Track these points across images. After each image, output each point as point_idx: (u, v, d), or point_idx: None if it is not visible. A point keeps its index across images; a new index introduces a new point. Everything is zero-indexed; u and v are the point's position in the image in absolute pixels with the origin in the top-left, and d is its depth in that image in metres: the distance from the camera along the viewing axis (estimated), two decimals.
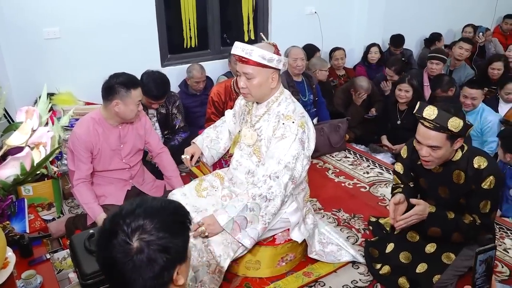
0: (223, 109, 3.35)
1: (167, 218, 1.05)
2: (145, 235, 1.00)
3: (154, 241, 1.00)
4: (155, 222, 1.01)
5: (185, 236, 1.08)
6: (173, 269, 1.04)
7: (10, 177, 2.39)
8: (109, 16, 3.74)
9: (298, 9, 4.77)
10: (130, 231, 1.00)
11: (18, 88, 3.48)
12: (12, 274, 1.64)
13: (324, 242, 2.49)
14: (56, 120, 3.06)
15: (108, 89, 2.41)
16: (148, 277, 1.01)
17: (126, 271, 1.00)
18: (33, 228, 2.26)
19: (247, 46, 2.04)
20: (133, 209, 1.04)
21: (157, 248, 1.00)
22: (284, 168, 2.03)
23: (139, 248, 0.99)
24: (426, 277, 2.14)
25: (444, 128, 1.88)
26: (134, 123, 2.64)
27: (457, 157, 2.04)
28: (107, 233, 1.03)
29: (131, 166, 2.69)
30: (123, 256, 0.99)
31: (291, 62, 3.78)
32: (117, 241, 1.00)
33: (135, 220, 1.01)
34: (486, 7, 6.41)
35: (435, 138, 1.92)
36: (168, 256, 1.01)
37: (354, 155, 3.93)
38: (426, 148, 1.97)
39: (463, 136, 1.94)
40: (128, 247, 0.99)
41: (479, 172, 1.98)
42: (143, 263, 0.99)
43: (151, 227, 1.01)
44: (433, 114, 1.90)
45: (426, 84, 4.38)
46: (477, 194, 2.01)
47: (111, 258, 1.01)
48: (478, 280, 1.20)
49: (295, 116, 2.10)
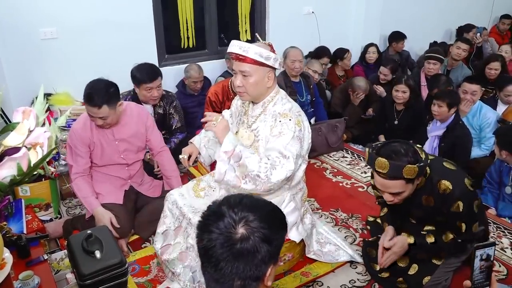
0: (220, 109, 3.35)
1: (269, 213, 1.07)
2: (250, 224, 1.01)
3: (258, 230, 1.01)
4: (258, 215, 1.03)
5: (283, 233, 1.09)
6: (269, 264, 1.04)
7: (7, 178, 2.38)
8: (106, 16, 3.73)
9: (296, 9, 4.77)
10: (238, 219, 1.01)
11: (15, 88, 3.47)
12: (9, 275, 1.63)
13: (322, 242, 2.49)
14: (53, 121, 3.05)
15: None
16: (247, 267, 1.00)
17: (225, 258, 1.00)
18: (31, 229, 2.25)
19: (244, 44, 2.04)
20: (240, 200, 1.06)
21: (261, 237, 1.00)
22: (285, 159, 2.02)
23: (245, 235, 1.00)
24: (417, 278, 2.14)
25: (400, 176, 1.84)
26: (132, 121, 2.64)
27: (421, 184, 2.01)
28: (213, 215, 1.04)
29: (129, 163, 2.69)
30: (226, 240, 1.00)
31: (289, 63, 3.78)
32: (223, 224, 1.01)
33: (241, 210, 1.03)
34: (483, 7, 6.43)
35: (395, 186, 1.89)
36: (269, 248, 1.02)
37: (352, 155, 3.93)
38: (388, 195, 1.95)
39: (422, 175, 1.91)
40: (234, 231, 1.00)
41: (445, 196, 1.95)
42: (245, 251, 0.99)
43: (254, 218, 1.02)
44: (385, 167, 1.83)
45: (423, 84, 4.39)
46: (450, 217, 1.99)
47: (212, 240, 1.01)
48: (476, 276, 1.20)
49: (292, 114, 2.10)
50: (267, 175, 1.96)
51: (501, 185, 2.99)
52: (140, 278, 2.39)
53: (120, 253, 1.72)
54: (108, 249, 1.71)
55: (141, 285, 2.35)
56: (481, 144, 3.54)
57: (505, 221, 2.87)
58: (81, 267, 1.64)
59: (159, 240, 2.32)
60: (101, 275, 1.64)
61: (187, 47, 4.38)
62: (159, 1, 4.02)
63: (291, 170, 2.00)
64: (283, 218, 1.11)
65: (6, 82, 3.41)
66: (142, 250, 2.62)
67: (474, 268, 1.19)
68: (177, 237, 2.24)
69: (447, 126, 3.31)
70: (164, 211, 2.35)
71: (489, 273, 1.21)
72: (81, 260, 1.67)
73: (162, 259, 2.27)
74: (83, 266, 1.64)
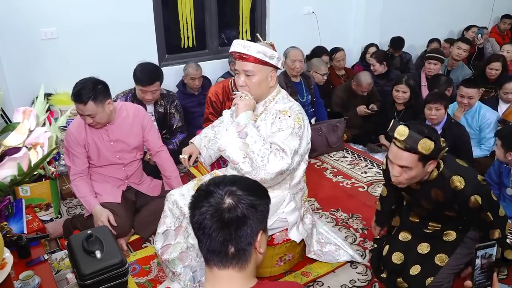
0: (221, 109, 3.34)
1: (251, 183, 1.17)
2: (235, 193, 1.10)
3: (244, 198, 1.09)
4: (240, 186, 1.12)
5: (267, 200, 1.16)
6: (258, 229, 1.11)
7: (7, 178, 2.38)
8: (107, 16, 3.73)
9: (296, 9, 4.77)
10: (223, 192, 1.10)
11: (15, 88, 3.48)
12: (9, 275, 1.63)
13: (323, 242, 2.49)
14: (53, 121, 3.05)
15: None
16: (238, 232, 1.07)
17: (217, 227, 1.07)
18: (31, 229, 2.26)
19: (247, 42, 2.03)
20: (223, 178, 1.16)
21: (247, 204, 1.08)
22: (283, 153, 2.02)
23: (232, 204, 1.08)
24: (419, 279, 2.13)
25: (414, 150, 1.84)
26: (127, 121, 2.63)
27: (433, 176, 1.99)
28: (203, 193, 1.12)
29: (125, 163, 2.69)
30: (215, 211, 1.07)
31: (289, 63, 3.78)
32: (212, 199, 1.09)
33: (226, 185, 1.12)
34: (483, 7, 6.42)
35: (406, 159, 1.88)
36: (256, 213, 1.10)
37: (352, 154, 3.93)
38: (397, 168, 1.93)
39: (435, 158, 1.90)
40: (222, 202, 1.08)
41: (459, 193, 1.92)
42: (234, 218, 1.07)
43: (237, 189, 1.11)
44: (404, 134, 1.86)
45: (424, 84, 4.38)
46: (472, 214, 1.96)
47: (203, 213, 1.08)
48: (478, 276, 1.20)
49: (291, 112, 2.10)
50: (263, 161, 1.97)
51: (501, 185, 2.98)
52: (141, 278, 2.39)
53: (121, 253, 1.72)
54: (108, 249, 1.71)
55: (141, 285, 2.35)
56: (481, 145, 3.54)
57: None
58: (81, 267, 1.64)
59: (160, 240, 2.32)
60: (101, 275, 1.65)
61: (187, 47, 4.38)
62: (159, 1, 4.02)
63: (287, 164, 2.00)
64: (263, 187, 1.19)
65: (6, 82, 3.41)
66: (142, 250, 2.62)
67: (475, 268, 1.19)
68: (177, 237, 2.24)
69: (442, 127, 3.28)
70: (165, 211, 2.35)
71: (490, 273, 1.21)
72: (82, 260, 1.67)
73: (162, 259, 2.27)
74: (84, 266, 1.64)
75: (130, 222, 2.66)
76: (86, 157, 2.60)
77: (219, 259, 1.09)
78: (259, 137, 2.02)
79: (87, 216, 2.60)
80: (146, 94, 3.15)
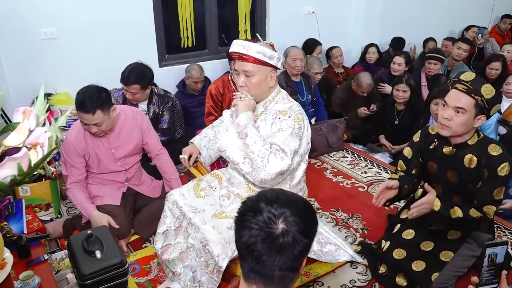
0: (221, 101, 3.37)
1: (303, 208, 1.11)
2: (288, 219, 1.05)
3: (296, 224, 1.05)
4: (294, 210, 1.07)
5: (316, 226, 1.13)
6: (305, 255, 1.09)
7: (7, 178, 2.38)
8: (107, 17, 3.73)
9: (296, 9, 4.77)
10: (277, 214, 1.05)
11: (15, 88, 3.48)
12: (9, 275, 1.63)
13: (323, 242, 2.49)
14: (53, 121, 3.05)
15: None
16: (288, 259, 1.05)
17: (267, 252, 1.04)
18: (31, 229, 2.26)
19: (247, 43, 2.03)
20: (277, 196, 1.10)
21: (299, 231, 1.05)
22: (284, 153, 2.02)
23: (285, 229, 1.04)
24: (424, 275, 2.14)
25: (477, 91, 1.93)
26: (126, 126, 2.62)
27: (473, 141, 2.07)
28: (251, 210, 1.07)
29: (126, 168, 2.68)
30: (267, 236, 1.04)
31: (290, 62, 3.79)
32: (262, 218, 1.05)
33: (279, 206, 1.07)
34: (483, 7, 6.42)
35: (464, 101, 1.96)
36: (307, 241, 1.07)
37: (352, 154, 3.93)
38: (450, 110, 2.00)
39: (488, 112, 1.98)
40: (274, 227, 1.04)
41: (493, 158, 2.00)
42: (286, 244, 1.04)
43: (291, 214, 1.06)
44: (470, 77, 1.97)
45: (424, 84, 4.38)
46: (492, 181, 2.02)
47: (253, 236, 1.05)
48: (485, 273, 1.19)
49: (291, 112, 2.10)
50: (263, 162, 1.97)
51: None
52: (141, 278, 2.39)
53: (121, 253, 1.72)
54: (108, 249, 1.71)
55: (141, 285, 2.35)
56: None
57: (505, 221, 2.87)
58: (81, 267, 1.64)
59: (160, 240, 2.32)
60: (101, 275, 1.64)
61: (187, 47, 4.38)
62: (159, 1, 4.03)
63: (287, 164, 2.00)
64: (314, 212, 1.16)
65: (6, 82, 3.41)
66: (142, 250, 2.62)
67: (483, 265, 1.19)
68: (177, 237, 2.24)
69: None
70: (165, 211, 2.35)
71: (498, 271, 1.21)
72: (82, 260, 1.67)
73: (162, 259, 2.27)
74: (84, 266, 1.64)
75: (130, 224, 2.65)
76: (84, 167, 2.56)
77: (262, 281, 1.08)
78: (259, 137, 2.02)
79: (84, 223, 2.57)
80: (127, 93, 3.20)
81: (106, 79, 3.52)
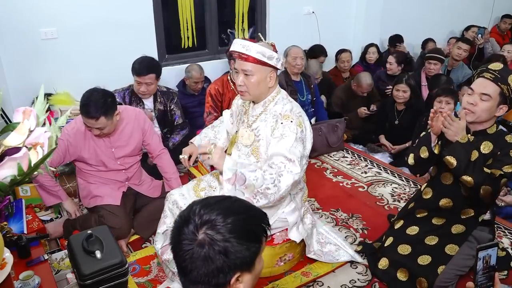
0: (221, 101, 3.38)
1: (242, 222, 1.03)
2: (212, 231, 1.00)
3: (217, 241, 0.99)
4: (227, 221, 1.01)
5: (254, 246, 1.04)
6: (231, 273, 1.02)
7: (7, 178, 2.38)
8: (107, 16, 3.73)
9: (296, 9, 4.77)
10: (200, 223, 1.01)
11: (15, 88, 3.48)
12: (9, 275, 1.63)
13: (323, 242, 2.49)
14: (53, 121, 3.03)
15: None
16: (202, 273, 1.00)
17: (185, 260, 1.01)
18: (31, 229, 2.26)
19: (247, 42, 2.03)
20: (214, 202, 1.05)
21: (218, 249, 0.99)
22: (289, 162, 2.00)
23: (201, 242, 1.00)
24: (431, 268, 2.15)
25: (504, 80, 2.00)
26: (128, 126, 2.62)
27: (491, 130, 2.12)
28: (182, 219, 1.05)
29: (126, 168, 2.68)
30: (188, 244, 1.01)
31: (290, 61, 3.79)
32: (187, 230, 1.02)
33: (209, 212, 1.02)
34: (483, 7, 6.42)
35: (490, 88, 2.02)
36: (226, 260, 1.00)
37: (352, 154, 3.93)
38: (476, 96, 2.04)
39: (510, 102, 2.04)
40: (194, 237, 1.01)
41: (508, 144, 2.07)
42: (199, 257, 1.00)
43: (222, 225, 1.01)
44: (499, 67, 2.05)
45: (424, 84, 4.38)
46: (504, 159, 2.05)
47: (178, 243, 1.03)
48: (480, 277, 1.19)
49: (293, 115, 2.09)
50: (275, 184, 1.94)
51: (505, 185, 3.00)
52: (141, 278, 2.39)
53: (121, 253, 1.72)
54: (108, 249, 1.71)
55: (141, 285, 2.35)
56: None
57: (505, 221, 2.87)
58: (81, 267, 1.64)
59: (160, 240, 2.32)
60: (101, 275, 1.65)
61: (187, 47, 4.38)
62: (159, 1, 4.02)
63: (298, 173, 1.99)
64: (260, 230, 1.07)
65: (6, 82, 3.41)
66: (142, 250, 2.62)
67: (478, 270, 1.19)
68: None
69: None
70: (165, 211, 2.35)
71: (492, 273, 1.21)
72: (82, 260, 1.67)
73: (162, 259, 2.27)
74: (84, 266, 1.64)
75: (130, 224, 2.65)
76: (63, 158, 2.56)
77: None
78: (253, 171, 1.97)
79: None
80: (141, 86, 3.15)
81: (106, 79, 3.54)
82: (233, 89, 3.31)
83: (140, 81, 3.13)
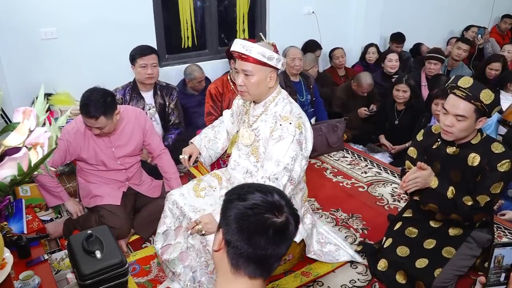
0: (221, 101, 3.38)
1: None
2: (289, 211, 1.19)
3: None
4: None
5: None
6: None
7: (7, 178, 2.38)
8: (107, 17, 3.73)
9: (296, 9, 4.77)
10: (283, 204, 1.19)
11: (15, 88, 3.48)
12: (9, 275, 1.63)
13: (323, 242, 2.49)
14: (53, 121, 3.03)
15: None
16: (284, 248, 1.11)
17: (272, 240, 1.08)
18: (31, 229, 2.26)
19: (247, 42, 2.03)
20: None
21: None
22: (283, 169, 2.00)
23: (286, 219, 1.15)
24: (427, 271, 2.15)
25: (476, 98, 1.93)
26: (128, 126, 2.63)
27: (476, 140, 2.10)
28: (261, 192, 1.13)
29: (127, 167, 2.68)
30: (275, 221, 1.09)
31: (288, 61, 3.79)
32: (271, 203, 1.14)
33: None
34: (483, 7, 6.42)
35: (464, 108, 1.97)
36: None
37: (352, 154, 3.93)
38: (451, 118, 2.01)
39: (488, 114, 1.99)
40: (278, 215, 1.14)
41: (495, 155, 2.03)
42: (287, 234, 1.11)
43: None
44: (468, 83, 1.96)
45: (424, 84, 4.39)
46: (491, 176, 2.03)
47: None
48: (492, 275, 1.20)
49: (292, 117, 2.09)
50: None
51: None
52: (141, 278, 2.39)
53: (121, 253, 1.72)
54: (108, 249, 1.71)
55: (141, 285, 2.35)
56: None
57: (505, 221, 2.87)
58: (81, 267, 1.64)
59: (160, 240, 2.32)
60: (101, 275, 1.65)
61: (187, 47, 4.38)
62: (159, 1, 4.02)
63: (286, 181, 2.01)
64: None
65: (6, 82, 3.41)
66: (142, 250, 2.62)
67: (492, 266, 1.19)
68: (177, 237, 2.24)
69: None
70: (165, 211, 2.35)
71: (508, 272, 1.21)
72: (82, 260, 1.67)
73: (162, 259, 2.27)
74: (84, 266, 1.65)
75: (130, 224, 2.65)
76: (64, 158, 2.55)
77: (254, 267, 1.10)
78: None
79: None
80: (147, 68, 3.15)
81: (106, 79, 3.54)
82: (233, 89, 3.31)
83: (146, 62, 3.14)
